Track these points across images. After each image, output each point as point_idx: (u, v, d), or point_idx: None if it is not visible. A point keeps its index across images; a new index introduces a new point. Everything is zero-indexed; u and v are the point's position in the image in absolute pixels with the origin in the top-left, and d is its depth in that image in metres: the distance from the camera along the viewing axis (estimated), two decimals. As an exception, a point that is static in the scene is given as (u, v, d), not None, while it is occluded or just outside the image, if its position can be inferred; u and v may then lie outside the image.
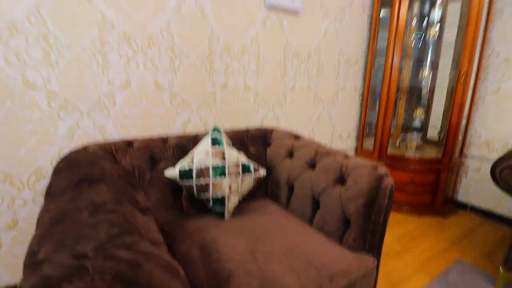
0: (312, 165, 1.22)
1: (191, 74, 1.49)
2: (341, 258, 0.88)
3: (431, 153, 2.31)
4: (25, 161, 1.19)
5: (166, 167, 1.15)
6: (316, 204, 1.14)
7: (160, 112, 1.44)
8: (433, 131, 2.64)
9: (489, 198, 2.16)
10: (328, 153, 1.19)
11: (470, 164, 2.27)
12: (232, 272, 0.78)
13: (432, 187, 2.15)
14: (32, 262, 0.48)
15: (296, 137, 1.45)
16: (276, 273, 0.78)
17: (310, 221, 1.14)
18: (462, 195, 2.32)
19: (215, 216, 1.13)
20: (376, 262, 0.90)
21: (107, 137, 1.33)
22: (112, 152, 1.10)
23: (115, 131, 1.34)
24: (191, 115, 1.53)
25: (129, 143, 1.18)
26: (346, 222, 1.00)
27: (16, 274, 1.29)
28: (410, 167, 2.11)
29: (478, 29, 1.92)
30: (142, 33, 1.32)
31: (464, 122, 2.18)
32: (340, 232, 1.00)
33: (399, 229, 1.96)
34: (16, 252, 1.26)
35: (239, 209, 1.20)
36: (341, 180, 1.07)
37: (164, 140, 1.26)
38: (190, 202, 1.16)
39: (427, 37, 2.27)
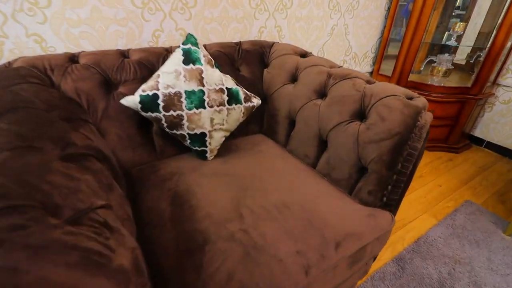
0: (322, 93, 0.92)
1: (157, -46, 1.03)
2: (351, 216, 0.69)
3: (455, 79, 1.96)
4: None
5: (127, 93, 0.86)
6: (323, 144, 0.89)
7: (120, 16, 1.04)
8: (461, 53, 2.21)
9: (510, 135, 1.93)
10: (346, 76, 0.88)
11: (500, 94, 1.96)
12: (208, 235, 0.59)
13: (451, 121, 1.90)
14: None
15: (303, 55, 1.10)
16: (267, 238, 0.60)
17: (314, 165, 0.92)
18: (480, 130, 2.08)
19: (196, 156, 0.91)
20: (394, 221, 0.71)
21: (49, 52, 0.99)
22: (45, 70, 0.79)
23: (60, 44, 0.99)
24: (163, 22, 1.14)
25: (72, 58, 0.85)
26: (360, 170, 0.78)
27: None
28: (432, 97, 1.80)
29: None
30: None
31: (509, 43, 1.76)
32: (351, 181, 0.79)
33: (406, 165, 1.80)
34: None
35: (226, 147, 0.97)
36: (360, 114, 0.80)
37: (123, 55, 0.92)
38: (163, 138, 0.91)
39: None
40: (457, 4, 1.97)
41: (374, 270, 1.08)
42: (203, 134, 0.83)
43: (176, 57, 0.80)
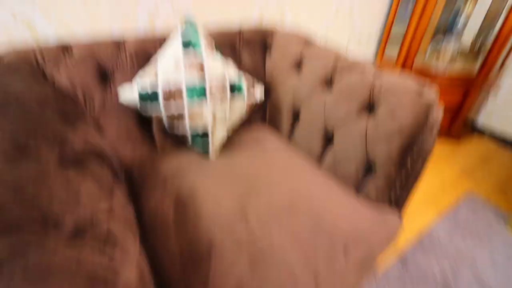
0: (328, 84, 0.88)
1: None
2: (358, 215, 0.68)
3: (461, 65, 1.91)
4: None
5: (124, 84, 0.81)
6: (329, 139, 0.87)
7: (113, -1, 0.97)
8: (467, 36, 2.13)
9: (514, 122, 1.91)
10: (352, 67, 0.84)
11: (505, 81, 1.91)
12: (214, 240, 0.58)
13: (454, 108, 1.86)
14: None
15: (307, 42, 1.04)
16: (274, 244, 0.58)
17: (319, 159, 0.90)
18: (484, 118, 2.05)
19: (198, 153, 0.88)
20: (402, 221, 0.70)
21: (39, 38, 0.93)
22: (37, 63, 0.74)
23: (49, 27, 0.92)
24: (159, 3, 1.06)
25: (65, 49, 0.79)
26: (368, 167, 0.76)
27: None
28: (436, 83, 1.75)
29: None
30: None
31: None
32: (358, 178, 0.77)
33: (408, 153, 1.79)
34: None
35: (229, 143, 0.94)
36: (369, 108, 0.76)
37: (118, 45, 0.86)
38: (164, 134, 0.88)
39: None
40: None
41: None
42: (205, 134, 0.79)
43: (175, 44, 0.74)
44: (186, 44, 0.74)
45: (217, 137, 0.82)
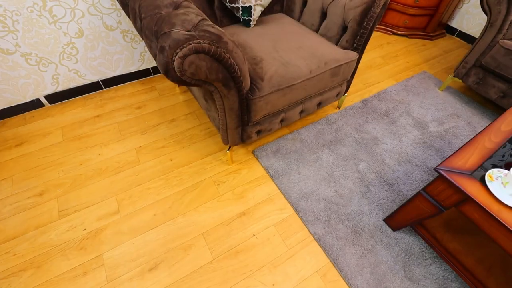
0: (326, -21, 1.38)
1: None
2: (335, 52, 1.29)
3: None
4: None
5: (198, -22, 1.32)
6: (323, 15, 1.41)
7: None
8: None
9: (478, 24, 2.37)
10: (342, -33, 1.32)
11: (480, -14, 2.28)
12: (262, 57, 1.20)
13: (432, 10, 2.30)
14: (165, 33, 0.85)
15: None
16: (291, 59, 1.21)
17: (317, 30, 1.46)
18: (456, 20, 2.50)
19: (243, 25, 1.44)
20: (357, 56, 1.32)
21: None
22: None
23: None
24: None
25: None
26: (344, 29, 1.33)
27: (95, 74, 1.75)
28: (419, -12, 2.15)
29: None
30: None
31: None
32: (338, 36, 1.36)
33: (388, 48, 2.33)
34: (90, 56, 1.66)
35: (260, 20, 1.49)
36: (348, -7, 1.29)
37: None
38: (222, 11, 1.42)
39: None
40: None
41: (346, 105, 1.77)
42: (250, 7, 1.33)
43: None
44: None
45: (256, 12, 1.37)
